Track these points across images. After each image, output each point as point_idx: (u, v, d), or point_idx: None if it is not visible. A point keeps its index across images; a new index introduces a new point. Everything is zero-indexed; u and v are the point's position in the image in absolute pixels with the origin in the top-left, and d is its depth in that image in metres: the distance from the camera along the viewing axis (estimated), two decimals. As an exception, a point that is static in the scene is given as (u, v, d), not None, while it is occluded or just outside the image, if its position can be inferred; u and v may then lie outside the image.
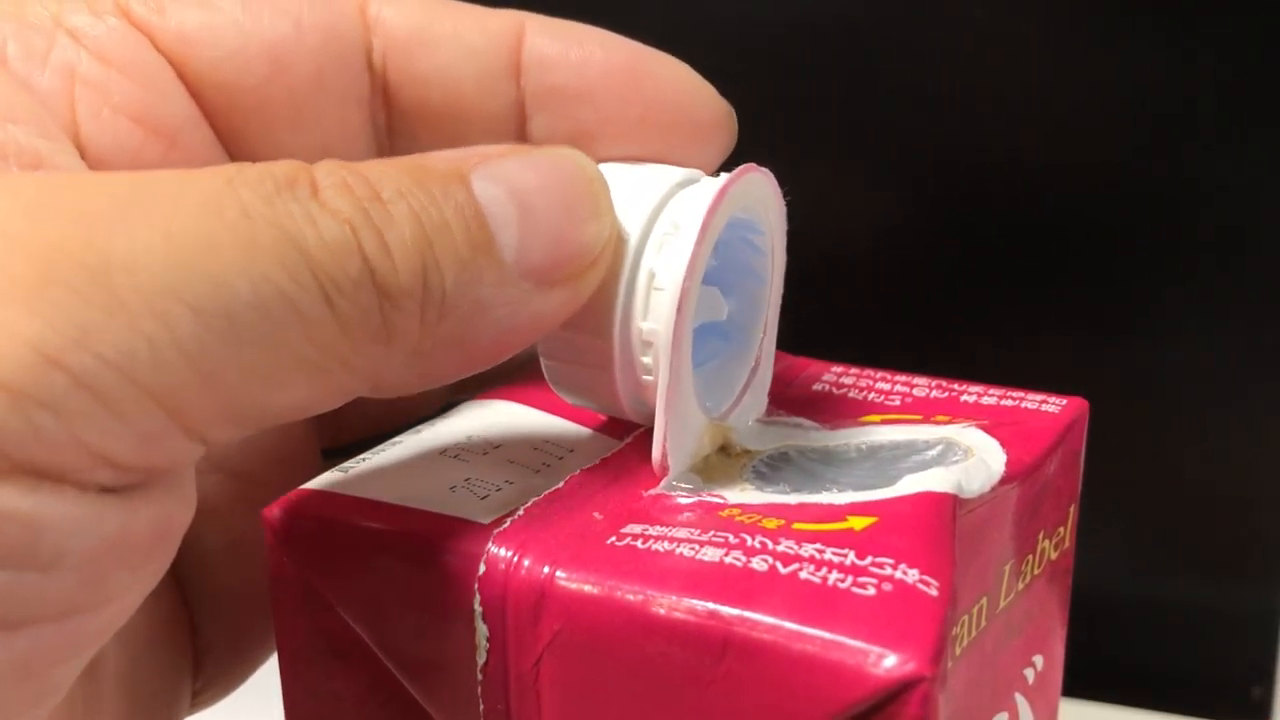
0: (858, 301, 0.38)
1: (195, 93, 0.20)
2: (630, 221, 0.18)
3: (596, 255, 0.18)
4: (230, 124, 0.20)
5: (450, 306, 0.16)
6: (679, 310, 0.18)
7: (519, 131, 0.21)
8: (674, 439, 0.18)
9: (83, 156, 0.18)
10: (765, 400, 0.21)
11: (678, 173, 0.19)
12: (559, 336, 0.19)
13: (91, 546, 0.14)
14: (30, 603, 0.14)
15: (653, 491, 0.18)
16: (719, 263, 0.20)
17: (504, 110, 0.21)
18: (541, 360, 0.19)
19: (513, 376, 0.22)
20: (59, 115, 0.18)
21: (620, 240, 0.18)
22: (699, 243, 0.18)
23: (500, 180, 0.17)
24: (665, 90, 0.20)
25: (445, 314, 0.16)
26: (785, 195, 0.20)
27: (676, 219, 0.18)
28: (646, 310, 0.18)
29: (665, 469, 0.18)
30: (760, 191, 0.19)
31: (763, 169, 0.19)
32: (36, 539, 0.14)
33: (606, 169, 0.19)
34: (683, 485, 0.18)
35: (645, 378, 0.19)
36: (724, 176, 0.19)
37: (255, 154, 0.20)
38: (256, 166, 0.15)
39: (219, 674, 0.22)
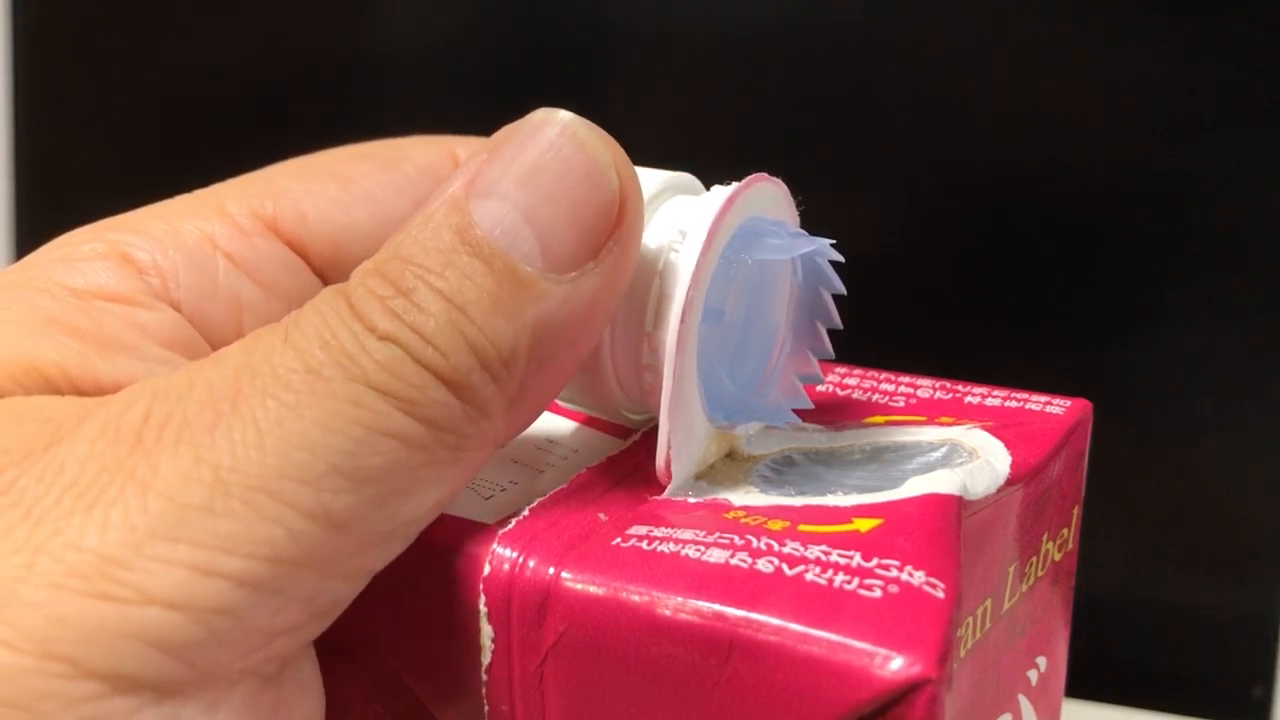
0: (859, 302, 0.38)
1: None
2: None
3: (620, 201, 0.17)
4: None
5: (510, 353, 0.16)
6: (683, 320, 0.18)
7: None
8: (678, 445, 0.18)
9: None
10: None
11: (670, 175, 0.19)
12: None
13: None
14: None
15: (658, 496, 0.18)
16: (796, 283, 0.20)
17: None
18: None
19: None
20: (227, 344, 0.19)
21: None
22: (704, 251, 0.18)
23: (495, 192, 0.17)
24: None
25: (511, 361, 0.16)
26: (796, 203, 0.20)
27: (684, 226, 0.18)
28: (652, 319, 0.18)
29: (669, 476, 0.18)
30: (773, 200, 0.19)
31: (774, 179, 0.19)
32: None
33: None
34: (687, 489, 0.18)
35: (649, 380, 0.19)
36: (734, 185, 0.19)
37: None
38: (304, 312, 0.16)
39: None
